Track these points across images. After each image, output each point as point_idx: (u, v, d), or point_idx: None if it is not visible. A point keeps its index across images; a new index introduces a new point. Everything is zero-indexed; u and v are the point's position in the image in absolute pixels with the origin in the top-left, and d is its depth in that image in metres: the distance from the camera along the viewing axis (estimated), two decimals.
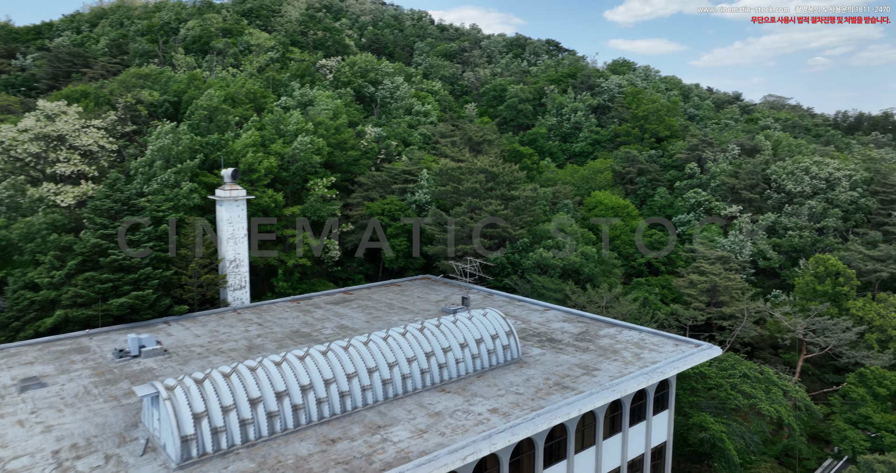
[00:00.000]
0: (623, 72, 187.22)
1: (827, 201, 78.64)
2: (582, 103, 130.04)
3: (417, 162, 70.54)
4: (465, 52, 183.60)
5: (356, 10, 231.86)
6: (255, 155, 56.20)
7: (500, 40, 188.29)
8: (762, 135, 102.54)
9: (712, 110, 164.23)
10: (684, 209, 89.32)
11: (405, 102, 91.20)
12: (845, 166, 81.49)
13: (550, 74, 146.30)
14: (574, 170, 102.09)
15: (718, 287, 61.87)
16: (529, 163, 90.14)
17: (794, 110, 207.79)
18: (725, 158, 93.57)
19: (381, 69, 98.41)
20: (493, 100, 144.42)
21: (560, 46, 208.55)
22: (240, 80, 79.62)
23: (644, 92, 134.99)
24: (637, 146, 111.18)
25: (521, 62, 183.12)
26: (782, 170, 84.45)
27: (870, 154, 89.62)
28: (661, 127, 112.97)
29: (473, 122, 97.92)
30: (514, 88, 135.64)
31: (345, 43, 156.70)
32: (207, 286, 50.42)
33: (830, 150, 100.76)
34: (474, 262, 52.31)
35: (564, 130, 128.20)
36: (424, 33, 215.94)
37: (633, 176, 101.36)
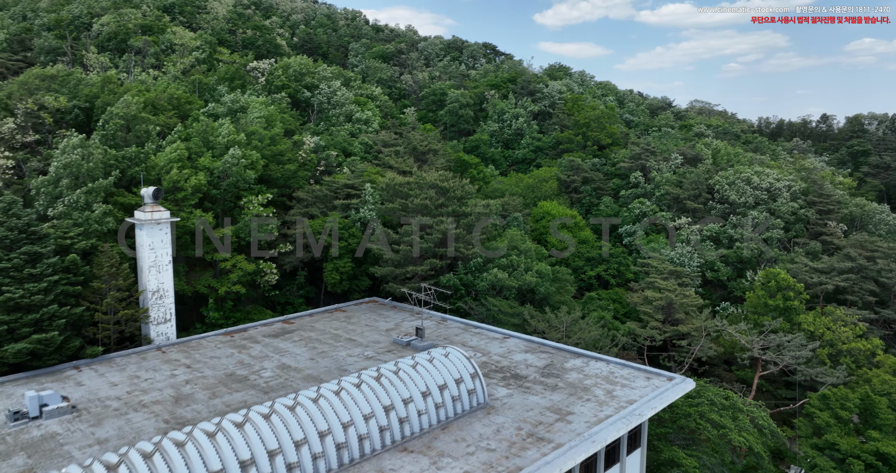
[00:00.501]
0: (560, 77, 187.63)
1: (769, 212, 79.44)
2: (523, 109, 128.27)
3: (360, 175, 65.85)
4: (402, 55, 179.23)
5: (287, 8, 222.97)
6: (181, 172, 50.16)
7: (437, 43, 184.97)
8: (702, 144, 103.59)
9: (647, 116, 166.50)
10: (630, 219, 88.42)
11: (344, 108, 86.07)
12: (784, 176, 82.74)
13: (491, 79, 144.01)
14: (519, 179, 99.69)
15: (674, 304, 60.39)
16: (475, 173, 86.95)
17: (721, 116, 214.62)
18: (669, 167, 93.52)
19: (317, 73, 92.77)
20: (432, 104, 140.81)
21: (497, 50, 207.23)
22: (162, 83, 72.51)
23: (583, 98, 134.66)
24: (580, 154, 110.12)
25: (459, 65, 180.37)
26: (724, 180, 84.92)
27: (804, 164, 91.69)
28: (603, 134, 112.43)
29: (416, 129, 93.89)
30: (455, 92, 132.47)
31: (276, 43, 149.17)
32: (126, 323, 44.22)
33: (765, 159, 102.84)
34: (428, 288, 48.35)
35: (506, 136, 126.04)
36: (359, 34, 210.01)
37: (578, 185, 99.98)
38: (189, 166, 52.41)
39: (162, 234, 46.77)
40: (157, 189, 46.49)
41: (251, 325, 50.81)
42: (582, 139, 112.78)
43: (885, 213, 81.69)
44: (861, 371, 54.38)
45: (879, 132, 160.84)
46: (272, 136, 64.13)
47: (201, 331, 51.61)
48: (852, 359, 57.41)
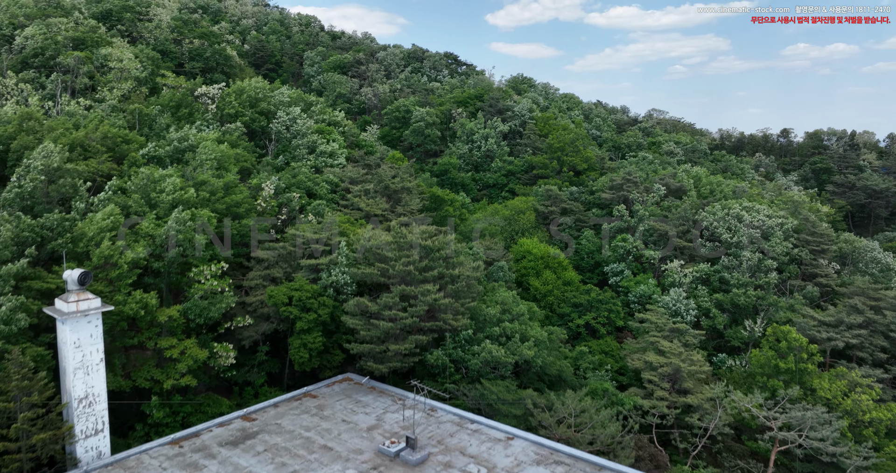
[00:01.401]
0: (524, 90, 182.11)
1: (761, 252, 75.08)
2: (493, 130, 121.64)
3: (330, 226, 57.59)
4: (361, 66, 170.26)
5: (236, 12, 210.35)
6: (115, 245, 41.10)
7: (396, 53, 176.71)
8: (682, 172, 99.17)
9: (614, 131, 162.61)
10: (614, 258, 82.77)
11: (306, 139, 77.34)
12: (775, 213, 78.69)
13: (457, 96, 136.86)
14: (495, 210, 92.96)
15: (681, 371, 54.56)
16: (451, 210, 79.68)
17: (678, 126, 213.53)
18: (652, 199, 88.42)
19: (274, 98, 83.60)
20: (396, 121, 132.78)
21: (458, 60, 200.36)
22: (94, 117, 62.47)
23: (554, 118, 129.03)
24: (556, 181, 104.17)
25: (420, 77, 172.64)
26: (712, 215, 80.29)
27: (790, 196, 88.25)
28: (578, 159, 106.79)
29: (385, 159, 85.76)
30: (420, 110, 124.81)
31: (226, 54, 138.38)
32: (44, 447, 35.14)
33: (746, 186, 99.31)
34: (421, 387, 40.79)
35: (475, 158, 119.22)
36: (315, 41, 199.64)
37: (557, 216, 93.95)
38: (128, 233, 43.32)
39: (91, 327, 37.70)
40: (84, 273, 37.40)
41: (204, 427, 42.09)
42: (557, 164, 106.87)
43: (876, 250, 78.66)
44: (890, 449, 49.66)
45: (840, 150, 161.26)
46: (226, 184, 55.30)
47: (142, 436, 42.67)
48: (874, 430, 52.75)
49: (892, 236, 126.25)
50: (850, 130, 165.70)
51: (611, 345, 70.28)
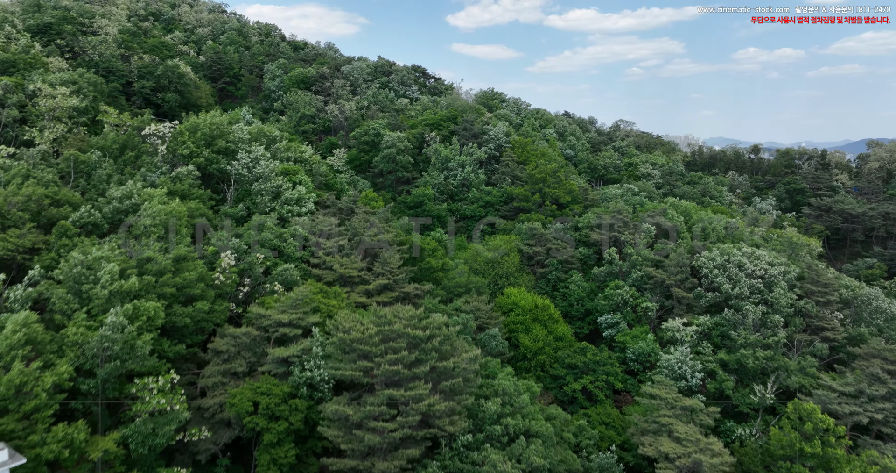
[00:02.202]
0: (496, 106, 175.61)
1: (765, 303, 70.05)
2: (469, 157, 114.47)
3: (301, 303, 49.35)
4: (326, 81, 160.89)
5: (191, 20, 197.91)
6: (30, 368, 32.33)
7: (363, 67, 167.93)
8: (670, 207, 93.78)
9: (588, 151, 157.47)
10: (608, 307, 76.55)
11: (270, 183, 68.70)
12: (777, 259, 73.81)
13: (429, 118, 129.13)
14: (476, 252, 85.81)
15: (702, 466, 48.32)
16: (434, 262, 72.08)
17: (649, 142, 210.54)
18: (643, 240, 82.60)
19: (233, 134, 74.54)
20: (365, 145, 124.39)
21: (426, 73, 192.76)
22: (16, 173, 52.83)
23: (531, 142, 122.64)
24: (538, 215, 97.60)
25: (388, 92, 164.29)
26: (711, 262, 74.97)
27: (790, 237, 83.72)
28: (561, 191, 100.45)
29: (357, 202, 77.36)
30: (391, 135, 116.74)
31: (180, 71, 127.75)
32: None
33: (738, 222, 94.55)
34: None
35: (451, 187, 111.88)
36: (275, 52, 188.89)
37: (542, 257, 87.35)
38: (46, 349, 34.50)
39: None
40: None
41: None
42: (539, 197, 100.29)
43: (881, 299, 74.61)
44: None
45: (812, 169, 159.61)
46: (177, 257, 46.66)
47: None
48: None
49: (871, 262, 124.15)
50: (821, 149, 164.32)
51: (611, 414, 63.85)
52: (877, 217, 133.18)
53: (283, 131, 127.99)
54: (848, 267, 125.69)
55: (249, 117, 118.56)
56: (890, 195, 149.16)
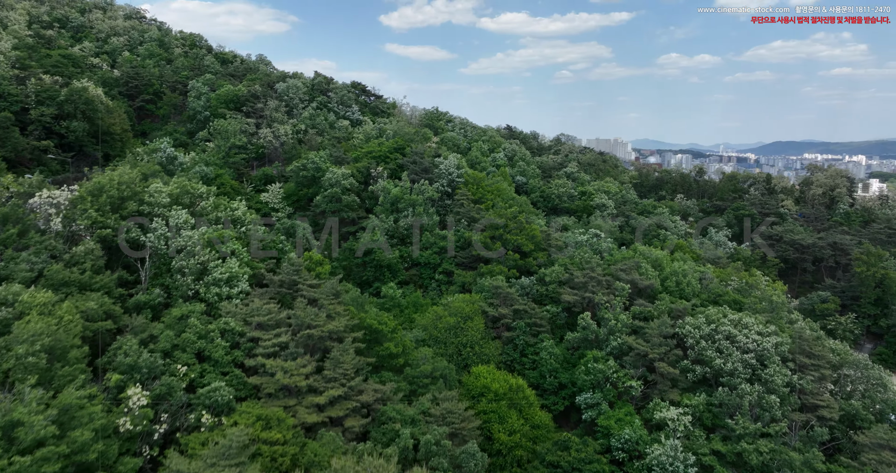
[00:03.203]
0: (441, 128, 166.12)
1: (759, 380, 63.72)
2: (420, 196, 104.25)
3: (236, 450, 37.98)
4: (258, 101, 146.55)
5: (104, 28, 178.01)
6: None
7: (299, 85, 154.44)
8: (640, 258, 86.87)
9: (539, 177, 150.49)
10: (587, 384, 68.29)
11: (194, 260, 56.43)
12: (766, 329, 67.71)
13: (374, 149, 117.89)
14: (437, 315, 75.86)
15: None
16: (392, 347, 61.46)
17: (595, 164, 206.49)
18: (619, 301, 75.01)
19: (149, 194, 61.53)
20: (304, 179, 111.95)
21: (366, 90, 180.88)
22: None
23: (484, 177, 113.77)
24: (500, 267, 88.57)
25: (328, 114, 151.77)
26: (697, 332, 68.20)
27: (769, 295, 78.29)
28: (523, 238, 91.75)
29: (300, 271, 65.67)
30: (334, 171, 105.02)
31: (88, 97, 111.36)
32: None
33: (709, 272, 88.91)
34: None
35: (402, 230, 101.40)
36: (201, 66, 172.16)
37: (509, 320, 78.36)
38: None
39: None
40: None
41: None
42: (500, 246, 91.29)
43: (869, 366, 69.81)
44: None
45: (759, 194, 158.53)
46: (64, 409, 34.50)
47: None
48: None
49: (825, 295, 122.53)
50: (766, 173, 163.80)
51: None
52: (826, 248, 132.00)
53: (211, 162, 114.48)
54: (803, 301, 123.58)
55: (171, 151, 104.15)
56: (835, 222, 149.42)
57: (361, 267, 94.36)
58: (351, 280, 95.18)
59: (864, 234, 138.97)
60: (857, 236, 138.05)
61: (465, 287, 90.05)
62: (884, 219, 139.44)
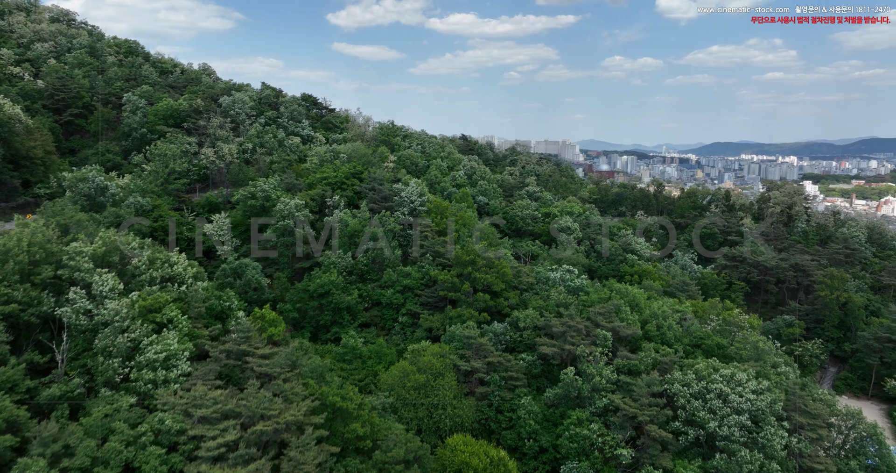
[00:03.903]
0: (398, 144, 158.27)
1: (755, 444, 59.18)
2: (380, 228, 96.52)
3: None
4: (201, 116, 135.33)
5: (27, 33, 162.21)
6: None
7: (245, 99, 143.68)
8: (618, 298, 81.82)
9: (500, 196, 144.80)
10: (573, 451, 62.31)
11: (122, 338, 47.43)
12: (759, 385, 63.21)
13: (329, 174, 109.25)
14: (404, 372, 68.48)
15: None
16: (359, 428, 53.60)
17: (552, 178, 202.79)
18: (601, 353, 69.44)
19: (69, 255, 51.93)
20: (252, 208, 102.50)
21: (318, 102, 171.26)
22: None
23: (448, 205, 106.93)
24: (470, 311, 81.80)
25: (277, 130, 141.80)
26: (687, 390, 63.29)
27: (755, 342, 74.27)
28: (493, 276, 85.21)
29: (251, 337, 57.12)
30: (287, 202, 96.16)
31: (2, 118, 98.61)
32: None
33: (687, 310, 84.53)
34: None
35: (361, 266, 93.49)
36: (138, 76, 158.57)
37: (482, 373, 71.74)
38: None
39: None
40: None
41: None
42: (469, 286, 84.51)
43: (862, 419, 66.45)
44: None
45: (719, 211, 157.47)
46: None
47: None
48: None
49: (790, 319, 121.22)
50: (724, 189, 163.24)
51: None
52: (788, 269, 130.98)
53: (148, 190, 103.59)
54: (768, 325, 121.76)
55: (100, 180, 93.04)
56: (793, 240, 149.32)
57: (318, 310, 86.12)
58: (306, 324, 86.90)
59: (823, 254, 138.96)
60: (817, 256, 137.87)
61: (433, 333, 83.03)
62: (841, 238, 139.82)
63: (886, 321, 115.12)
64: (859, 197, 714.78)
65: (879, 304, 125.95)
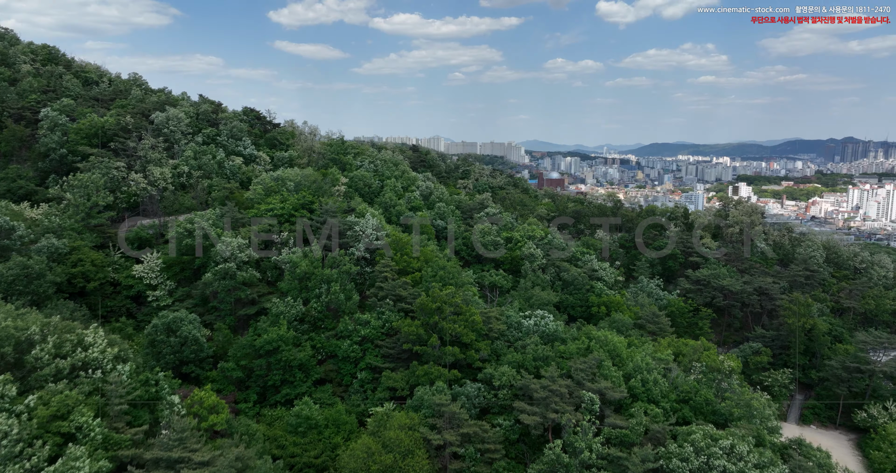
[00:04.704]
0: (349, 163, 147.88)
1: None
2: (335, 269, 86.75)
3: None
4: (130, 135, 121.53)
5: None
6: None
7: (181, 116, 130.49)
8: (598, 348, 75.20)
9: (459, 219, 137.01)
10: None
11: (15, 468, 36.69)
12: (761, 458, 57.59)
13: (276, 206, 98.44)
14: (368, 451, 59.47)
15: None
16: None
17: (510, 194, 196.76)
18: (587, 420, 62.38)
19: None
20: (189, 247, 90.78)
21: (261, 117, 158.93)
22: None
23: (408, 240, 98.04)
24: (438, 369, 73.32)
25: (216, 150, 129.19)
26: (686, 466, 56.89)
27: (747, 399, 68.97)
28: (461, 326, 76.96)
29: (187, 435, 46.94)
30: (228, 242, 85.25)
31: None
32: None
33: (668, 360, 78.65)
34: None
35: (314, 313, 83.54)
36: (58, 87, 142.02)
37: (456, 446, 63.45)
38: None
39: None
40: None
41: None
42: (437, 339, 76.00)
43: None
44: None
45: (679, 230, 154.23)
46: None
47: None
48: None
49: (756, 346, 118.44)
50: (684, 207, 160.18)
51: None
52: (752, 293, 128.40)
53: (66, 227, 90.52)
54: (735, 353, 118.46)
55: (4, 221, 79.69)
56: (754, 262, 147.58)
57: (266, 368, 75.86)
58: (253, 384, 76.36)
59: (784, 276, 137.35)
60: (778, 279, 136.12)
61: (397, 393, 74.08)
62: (801, 259, 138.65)
63: (852, 348, 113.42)
64: (789, 198, 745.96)
65: (842, 328, 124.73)
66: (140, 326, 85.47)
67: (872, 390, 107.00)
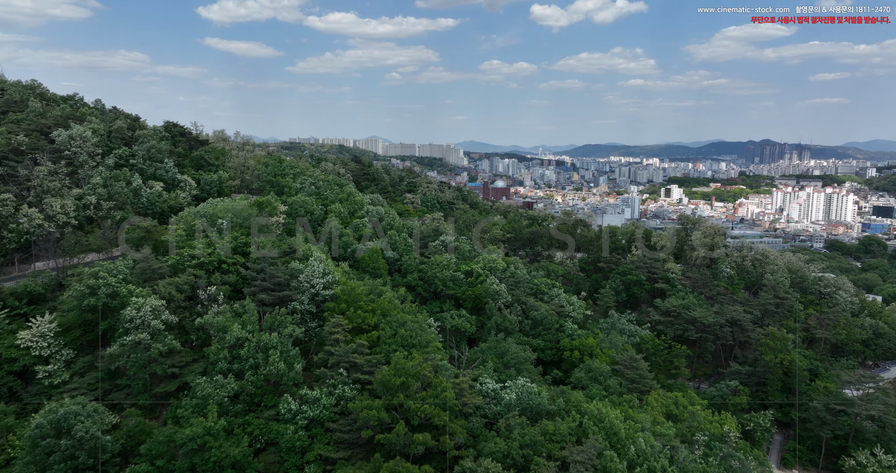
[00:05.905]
0: (287, 185, 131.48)
1: None
2: (275, 334, 71.43)
3: None
4: (23, 158, 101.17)
5: None
6: None
7: (87, 135, 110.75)
8: (589, 423, 63.71)
9: (411, 248, 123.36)
10: None
11: None
12: None
13: (204, 253, 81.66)
14: None
15: None
16: None
17: (465, 214, 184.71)
18: None
19: None
20: (92, 308, 73.11)
21: (186, 132, 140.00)
22: None
23: (362, 289, 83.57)
24: (408, 467, 59.58)
25: (130, 174, 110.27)
26: None
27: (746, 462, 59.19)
28: (431, 404, 63.45)
29: None
30: (142, 303, 68.52)
31: None
32: None
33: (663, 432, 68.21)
34: None
35: (249, 389, 68.07)
36: None
37: None
38: None
39: None
40: None
41: None
42: (404, 426, 62.18)
43: None
44: None
45: (641, 254, 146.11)
46: None
47: None
48: None
49: (734, 384, 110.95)
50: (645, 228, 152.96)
51: None
52: (725, 325, 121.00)
53: None
54: (712, 392, 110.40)
55: None
56: (721, 288, 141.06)
57: (189, 471, 60.07)
58: None
59: (754, 304, 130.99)
60: (748, 307, 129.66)
61: None
62: (770, 286, 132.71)
63: (832, 385, 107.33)
64: (718, 200, 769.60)
65: (816, 360, 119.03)
66: (26, 411, 67.77)
67: (856, 431, 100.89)
